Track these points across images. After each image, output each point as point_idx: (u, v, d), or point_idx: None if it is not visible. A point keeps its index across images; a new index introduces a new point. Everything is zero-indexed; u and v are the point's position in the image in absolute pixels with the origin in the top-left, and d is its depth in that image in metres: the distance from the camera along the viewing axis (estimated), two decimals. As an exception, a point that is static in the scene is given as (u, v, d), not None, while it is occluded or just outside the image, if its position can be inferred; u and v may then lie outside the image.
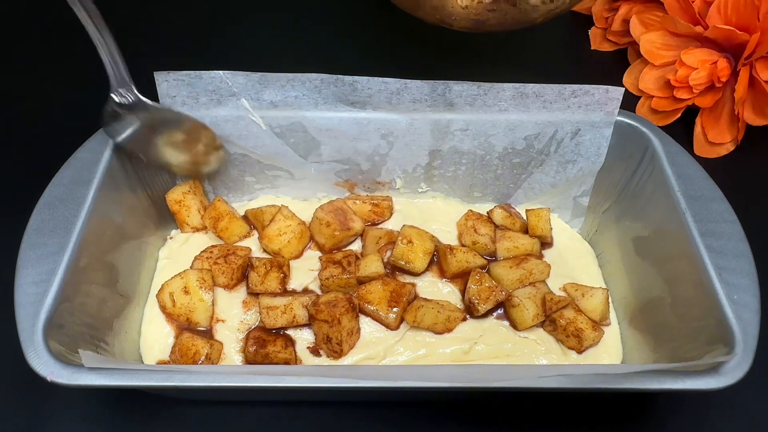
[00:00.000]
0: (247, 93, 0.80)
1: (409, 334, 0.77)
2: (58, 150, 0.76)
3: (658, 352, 0.72)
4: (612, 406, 0.75)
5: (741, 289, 0.66)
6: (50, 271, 0.64)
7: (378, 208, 0.90)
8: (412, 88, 0.80)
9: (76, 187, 0.71)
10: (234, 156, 0.86)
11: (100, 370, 0.58)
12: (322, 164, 0.88)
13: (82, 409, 0.72)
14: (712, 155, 1.04)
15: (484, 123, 0.83)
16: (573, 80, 0.80)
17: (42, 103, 1.08)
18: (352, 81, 0.79)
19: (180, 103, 0.80)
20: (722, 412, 0.75)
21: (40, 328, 0.60)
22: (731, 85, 1.00)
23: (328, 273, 0.80)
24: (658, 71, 1.07)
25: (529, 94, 0.81)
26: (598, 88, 0.80)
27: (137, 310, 0.78)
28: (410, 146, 0.86)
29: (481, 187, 0.91)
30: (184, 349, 0.73)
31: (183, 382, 0.59)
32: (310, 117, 0.82)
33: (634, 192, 0.83)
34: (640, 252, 0.81)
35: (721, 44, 1.01)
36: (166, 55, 1.17)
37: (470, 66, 1.19)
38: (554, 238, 0.89)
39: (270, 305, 0.76)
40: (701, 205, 0.73)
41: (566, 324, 0.77)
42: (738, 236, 0.70)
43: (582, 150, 0.85)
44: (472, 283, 0.78)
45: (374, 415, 0.73)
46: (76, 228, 0.68)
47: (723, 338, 0.63)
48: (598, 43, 1.24)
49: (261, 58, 1.19)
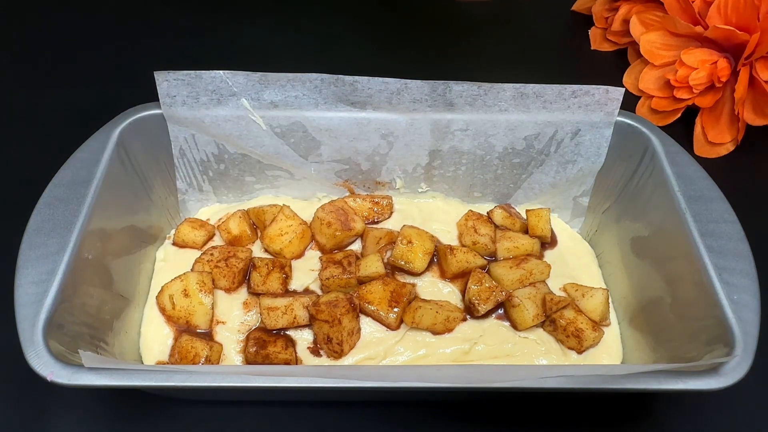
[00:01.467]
0: (247, 93, 0.80)
1: (409, 334, 0.77)
2: (58, 150, 0.76)
3: (658, 352, 0.72)
4: (612, 406, 0.75)
5: (741, 290, 0.66)
6: (50, 271, 0.64)
7: (378, 206, 0.90)
8: (413, 88, 0.80)
9: (76, 187, 0.71)
10: (234, 156, 0.86)
11: (100, 370, 0.58)
12: (322, 164, 0.88)
13: (82, 409, 0.72)
14: (712, 155, 1.04)
15: (484, 123, 0.83)
16: (573, 80, 0.80)
17: (42, 102, 1.08)
18: (352, 81, 0.79)
19: (180, 102, 0.80)
20: (722, 412, 0.75)
21: (40, 328, 0.60)
22: (731, 85, 1.00)
23: (329, 273, 0.80)
24: (658, 71, 1.07)
25: (529, 94, 0.81)
26: (598, 89, 0.80)
27: (137, 311, 0.78)
28: (410, 146, 0.86)
29: (481, 187, 0.91)
30: (183, 352, 0.73)
31: (183, 382, 0.59)
32: (311, 117, 0.82)
33: (634, 192, 0.83)
34: (640, 252, 0.81)
35: (721, 44, 1.01)
36: (166, 55, 1.18)
37: (470, 66, 1.19)
38: (557, 237, 0.89)
39: (271, 306, 0.76)
40: (701, 205, 0.73)
41: (566, 324, 0.77)
42: (738, 236, 0.70)
43: (582, 150, 0.85)
44: (473, 284, 0.78)
45: (374, 415, 0.73)
46: (76, 228, 0.68)
47: (723, 338, 0.63)
48: (598, 43, 1.24)
49: (261, 57, 1.19)
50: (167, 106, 0.80)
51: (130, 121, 0.79)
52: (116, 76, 1.12)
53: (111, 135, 0.77)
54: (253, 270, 0.81)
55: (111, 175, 0.75)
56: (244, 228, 0.86)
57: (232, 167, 0.88)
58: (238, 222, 0.86)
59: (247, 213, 0.88)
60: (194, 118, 0.81)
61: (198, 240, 0.85)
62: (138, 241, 0.81)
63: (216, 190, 0.90)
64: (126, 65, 1.14)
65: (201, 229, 0.86)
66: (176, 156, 0.85)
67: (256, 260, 0.82)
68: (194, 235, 0.85)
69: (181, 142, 0.84)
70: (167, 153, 0.84)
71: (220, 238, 0.87)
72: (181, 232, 0.86)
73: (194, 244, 0.85)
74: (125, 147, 0.79)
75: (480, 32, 1.29)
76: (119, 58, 1.17)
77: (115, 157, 0.76)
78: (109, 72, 1.14)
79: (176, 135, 0.83)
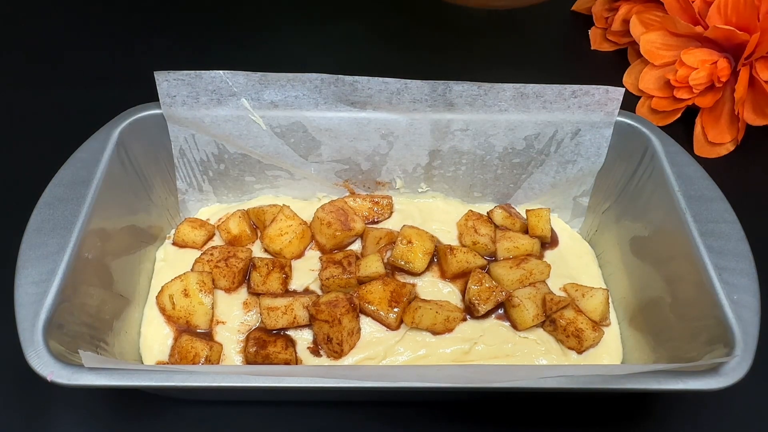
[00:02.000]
0: (247, 93, 0.80)
1: (409, 334, 0.77)
2: (58, 150, 0.76)
3: (658, 352, 0.72)
4: (612, 406, 0.75)
5: (741, 289, 0.66)
6: (50, 271, 0.64)
7: (378, 206, 0.90)
8: (413, 88, 0.80)
9: (76, 187, 0.71)
10: (234, 156, 0.86)
11: (100, 370, 0.58)
12: (322, 164, 0.88)
13: (82, 409, 0.72)
14: (712, 155, 1.04)
15: (484, 123, 0.83)
16: (573, 80, 0.80)
17: (42, 102, 1.08)
18: (352, 81, 0.79)
19: (180, 102, 0.80)
20: (722, 412, 0.75)
21: (40, 328, 0.60)
22: (731, 85, 1.00)
23: (329, 273, 0.80)
24: (658, 71, 1.07)
25: (529, 94, 0.81)
26: (598, 89, 0.80)
27: (137, 311, 0.77)
28: (410, 146, 0.86)
29: (481, 187, 0.91)
30: (183, 352, 0.73)
31: (183, 382, 0.59)
32: (311, 117, 0.82)
33: (634, 192, 0.83)
34: (640, 252, 0.80)
35: (721, 44, 1.00)
36: (166, 54, 1.18)
37: (470, 66, 1.19)
38: (557, 237, 0.89)
39: (271, 306, 0.76)
40: (701, 205, 0.73)
41: (566, 324, 0.77)
42: (738, 236, 0.70)
43: (582, 150, 0.85)
44: (473, 284, 0.78)
45: (374, 415, 0.73)
46: (76, 228, 0.68)
47: (723, 338, 0.63)
48: (598, 43, 1.24)
49: (261, 58, 1.19)
50: (167, 106, 0.80)
51: (130, 121, 0.79)
52: (116, 76, 1.12)
53: (111, 135, 0.77)
54: (253, 270, 0.81)
55: (111, 175, 0.75)
56: (243, 228, 0.86)
57: (232, 167, 0.88)
58: (238, 222, 0.86)
59: (246, 213, 0.88)
60: (194, 118, 0.81)
61: (198, 240, 0.85)
62: (138, 241, 0.81)
63: (216, 190, 0.90)
64: (126, 65, 1.14)
65: (201, 229, 0.86)
66: (176, 156, 0.85)
67: (256, 260, 0.82)
68: (194, 234, 0.85)
69: (181, 142, 0.84)
70: (167, 153, 0.84)
71: (220, 238, 0.87)
72: (181, 231, 0.86)
73: (194, 244, 0.85)
74: (125, 147, 0.79)
75: (480, 32, 1.29)
76: (119, 57, 1.17)
77: (115, 157, 0.76)
78: (108, 72, 1.13)
79: (176, 135, 0.83)
